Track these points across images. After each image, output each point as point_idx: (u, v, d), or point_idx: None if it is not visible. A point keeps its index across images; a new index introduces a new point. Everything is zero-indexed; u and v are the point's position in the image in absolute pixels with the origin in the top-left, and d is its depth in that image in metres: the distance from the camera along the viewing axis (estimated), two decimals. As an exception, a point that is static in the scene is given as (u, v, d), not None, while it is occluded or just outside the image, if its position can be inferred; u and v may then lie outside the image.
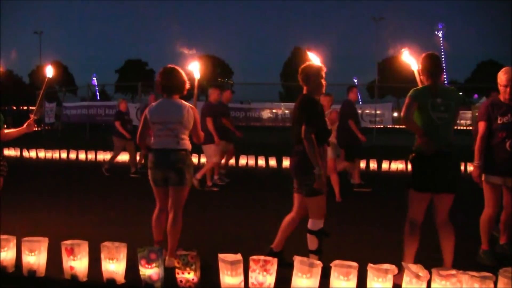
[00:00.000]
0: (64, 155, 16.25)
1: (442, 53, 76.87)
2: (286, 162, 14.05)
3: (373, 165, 13.97)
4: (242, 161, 14.55)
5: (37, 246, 4.57)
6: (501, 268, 3.98)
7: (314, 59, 5.12)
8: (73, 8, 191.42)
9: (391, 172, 13.67)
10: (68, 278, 4.51)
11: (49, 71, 5.78)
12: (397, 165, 13.86)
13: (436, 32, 79.97)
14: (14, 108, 54.12)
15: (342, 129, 9.67)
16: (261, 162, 14.58)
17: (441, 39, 79.09)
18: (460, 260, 4.93)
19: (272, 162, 14.35)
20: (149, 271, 4.30)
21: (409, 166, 4.90)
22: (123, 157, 15.28)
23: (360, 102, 43.00)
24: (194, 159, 14.43)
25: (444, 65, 5.62)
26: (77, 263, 4.48)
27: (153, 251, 4.29)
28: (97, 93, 53.40)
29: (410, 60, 5.05)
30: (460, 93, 4.85)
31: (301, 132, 4.70)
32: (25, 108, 55.51)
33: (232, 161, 14.43)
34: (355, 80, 47.50)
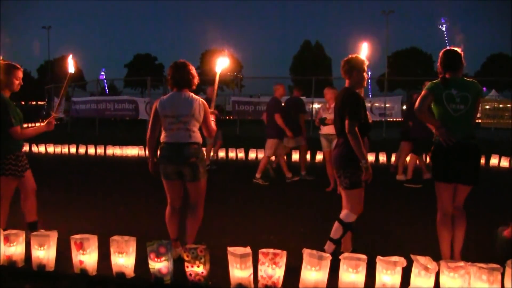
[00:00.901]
0: (73, 149, 16.30)
1: (447, 47, 76.74)
2: (295, 156, 14.03)
3: (382, 158, 13.92)
4: (252, 154, 14.57)
5: (46, 240, 4.58)
6: (509, 259, 3.96)
7: (363, 52, 5.13)
8: (81, 3, 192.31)
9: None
10: (78, 272, 4.52)
11: (71, 67, 5.73)
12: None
13: (440, 27, 79.80)
14: (23, 103, 54.34)
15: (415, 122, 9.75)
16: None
17: (444, 33, 78.81)
18: (468, 252, 4.92)
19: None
20: (159, 264, 4.30)
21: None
22: (133, 151, 15.34)
23: (370, 95, 42.87)
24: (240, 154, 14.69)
25: (458, 59, 5.59)
26: (87, 257, 4.49)
27: (162, 245, 4.29)
28: (106, 88, 53.48)
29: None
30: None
31: (342, 125, 4.74)
32: (33, 103, 55.73)
33: (241, 155, 14.51)
34: (369, 73, 47.31)
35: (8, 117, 5.19)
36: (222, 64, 5.46)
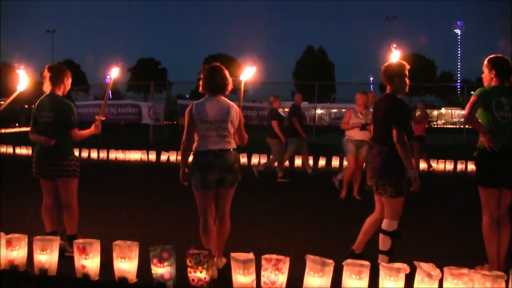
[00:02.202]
0: (76, 153, 16.24)
1: (459, 51, 76.59)
2: (298, 161, 14.00)
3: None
4: (255, 159, 14.53)
5: (48, 245, 4.57)
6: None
7: (396, 57, 5.08)
8: (85, 7, 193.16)
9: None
10: (80, 277, 4.50)
11: (114, 72, 5.71)
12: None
13: (455, 30, 79.70)
14: (26, 106, 54.31)
15: None
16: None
17: (459, 37, 78.78)
18: (473, 259, 4.89)
19: (284, 161, 14.30)
20: (161, 270, 4.29)
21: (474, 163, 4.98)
22: (135, 155, 15.32)
23: (374, 101, 42.89)
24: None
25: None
26: (89, 262, 4.48)
27: (165, 250, 4.28)
28: (110, 92, 53.40)
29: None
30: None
31: (385, 133, 4.67)
32: (37, 106, 55.54)
33: (244, 160, 14.41)
34: (371, 78, 47.36)
35: (74, 117, 5.27)
36: (248, 72, 5.40)
